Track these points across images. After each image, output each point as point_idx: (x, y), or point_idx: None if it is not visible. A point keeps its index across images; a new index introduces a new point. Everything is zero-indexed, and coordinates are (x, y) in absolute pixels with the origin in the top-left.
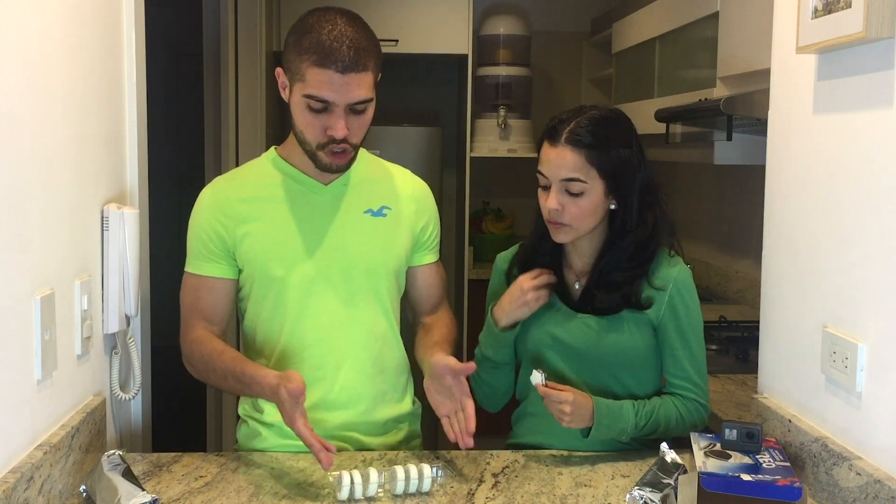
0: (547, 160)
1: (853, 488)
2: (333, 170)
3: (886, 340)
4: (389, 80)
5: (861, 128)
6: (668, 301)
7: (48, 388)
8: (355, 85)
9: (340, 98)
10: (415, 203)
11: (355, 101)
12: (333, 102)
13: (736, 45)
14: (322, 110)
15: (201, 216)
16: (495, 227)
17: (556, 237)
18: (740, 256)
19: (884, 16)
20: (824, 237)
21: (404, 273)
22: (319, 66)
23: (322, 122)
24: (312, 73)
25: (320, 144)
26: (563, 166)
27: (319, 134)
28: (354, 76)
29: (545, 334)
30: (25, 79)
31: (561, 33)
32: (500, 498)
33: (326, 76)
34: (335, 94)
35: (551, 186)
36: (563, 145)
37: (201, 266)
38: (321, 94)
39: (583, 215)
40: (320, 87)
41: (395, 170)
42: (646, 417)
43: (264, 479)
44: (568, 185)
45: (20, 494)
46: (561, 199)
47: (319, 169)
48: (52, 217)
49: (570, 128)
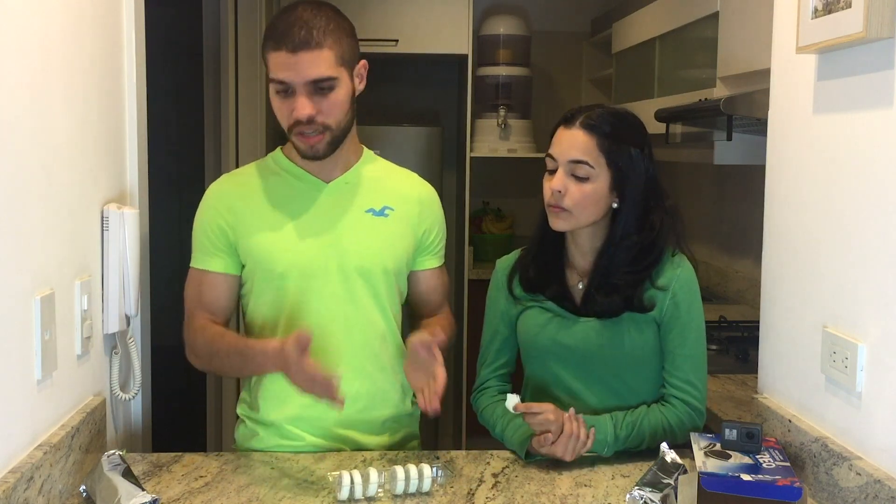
0: (558, 142)
1: (853, 488)
2: (310, 154)
3: (886, 340)
4: (389, 80)
5: (861, 128)
6: (671, 300)
7: (48, 388)
8: (308, 63)
9: (295, 76)
10: (419, 206)
11: (312, 79)
12: (290, 82)
13: (736, 45)
14: (285, 93)
15: (206, 212)
16: (495, 227)
17: (555, 223)
18: (740, 256)
19: (884, 16)
20: (824, 237)
21: (405, 274)
22: (274, 49)
23: (288, 105)
24: (271, 57)
25: (290, 128)
26: (573, 147)
27: (287, 117)
28: (306, 54)
29: (549, 341)
30: (25, 79)
31: (561, 33)
32: (500, 498)
33: (281, 57)
34: (289, 72)
35: (557, 170)
36: (577, 128)
37: (205, 261)
38: (278, 75)
39: (585, 202)
40: (277, 69)
41: (402, 172)
42: (627, 429)
43: (264, 479)
44: (575, 168)
45: (20, 494)
46: (565, 182)
47: (300, 155)
48: (52, 217)
49: (588, 114)
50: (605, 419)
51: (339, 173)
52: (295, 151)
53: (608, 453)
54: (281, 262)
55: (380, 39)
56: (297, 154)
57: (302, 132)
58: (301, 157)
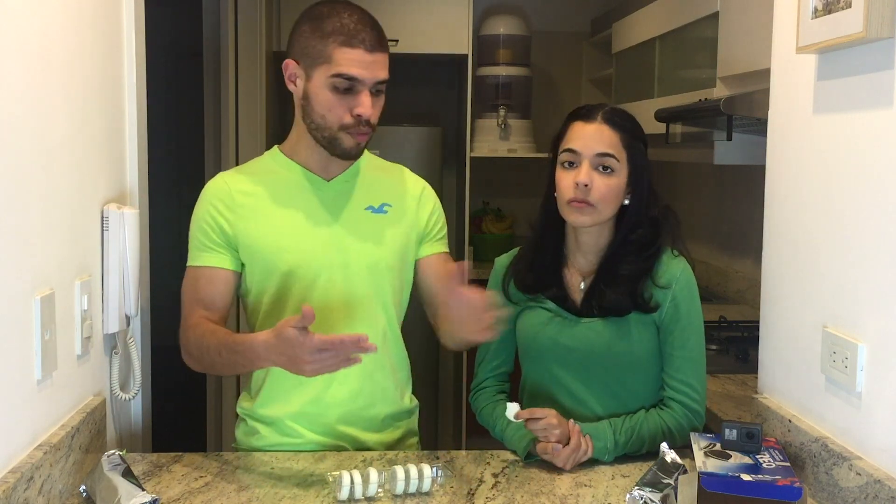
0: (581, 136)
1: (853, 488)
2: (352, 154)
3: (886, 340)
4: (389, 79)
5: (861, 128)
6: (671, 299)
7: (48, 388)
8: (381, 64)
9: (369, 75)
10: (415, 200)
11: (381, 80)
12: (362, 80)
13: (736, 45)
14: (348, 90)
15: (204, 208)
16: (495, 227)
17: (577, 219)
18: (740, 256)
19: (884, 16)
20: (824, 237)
21: (406, 270)
22: (348, 45)
23: (347, 102)
24: (340, 52)
25: (344, 126)
26: (600, 141)
27: (344, 114)
28: (380, 56)
29: (549, 341)
30: (25, 79)
31: (561, 33)
32: (500, 498)
33: (356, 54)
34: (364, 71)
35: (581, 164)
36: (601, 122)
37: (202, 257)
38: (351, 71)
39: (610, 196)
40: (350, 66)
41: (394, 168)
42: (626, 434)
43: (264, 479)
44: (602, 161)
45: (20, 494)
46: (591, 175)
47: (337, 154)
48: (52, 217)
49: (606, 110)
50: (603, 426)
51: (339, 171)
52: (295, 149)
53: (609, 459)
54: (282, 260)
55: None
56: (297, 151)
57: (358, 132)
58: (339, 155)
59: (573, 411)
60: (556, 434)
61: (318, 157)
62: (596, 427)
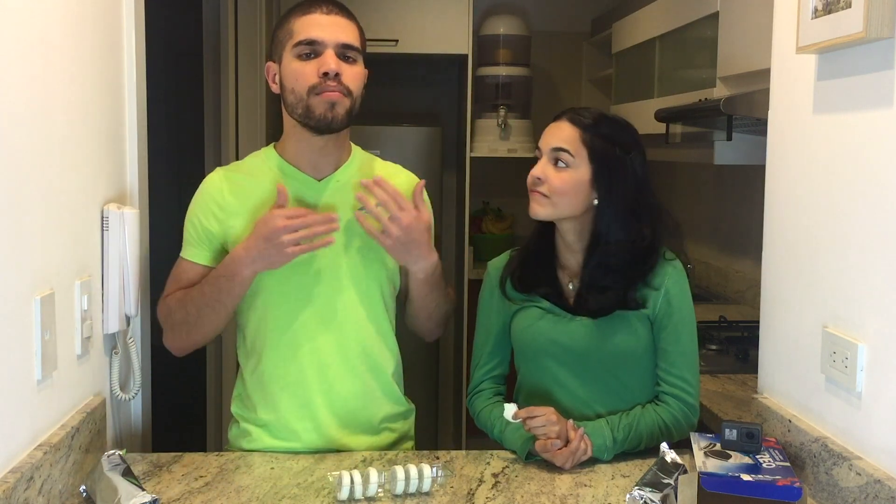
0: (544, 134)
1: (853, 488)
2: (328, 121)
3: (886, 340)
4: (389, 80)
5: (861, 128)
6: (664, 298)
7: (48, 389)
8: (342, 26)
9: (328, 36)
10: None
11: (343, 42)
12: (321, 41)
13: (736, 45)
14: (312, 55)
15: (197, 205)
16: (495, 227)
17: (533, 209)
18: (740, 256)
19: (884, 16)
20: (824, 237)
21: (397, 271)
22: (304, 13)
23: (313, 66)
24: (299, 23)
25: (312, 88)
26: (556, 136)
27: (311, 76)
28: (339, 18)
29: (545, 339)
30: (25, 79)
31: (561, 33)
32: (500, 498)
33: (313, 18)
34: (322, 32)
35: (541, 158)
36: (563, 120)
37: (187, 250)
38: (310, 34)
39: (563, 188)
40: (307, 29)
41: (389, 167)
42: (624, 431)
43: (264, 479)
44: (557, 155)
45: (20, 494)
46: (545, 169)
47: (314, 126)
48: (52, 217)
49: (576, 110)
50: (600, 424)
51: (331, 171)
52: (287, 148)
53: (608, 457)
54: None
55: (380, 39)
56: (289, 151)
57: (326, 88)
58: (316, 126)
59: (570, 409)
60: (555, 430)
61: (308, 152)
62: (593, 425)
